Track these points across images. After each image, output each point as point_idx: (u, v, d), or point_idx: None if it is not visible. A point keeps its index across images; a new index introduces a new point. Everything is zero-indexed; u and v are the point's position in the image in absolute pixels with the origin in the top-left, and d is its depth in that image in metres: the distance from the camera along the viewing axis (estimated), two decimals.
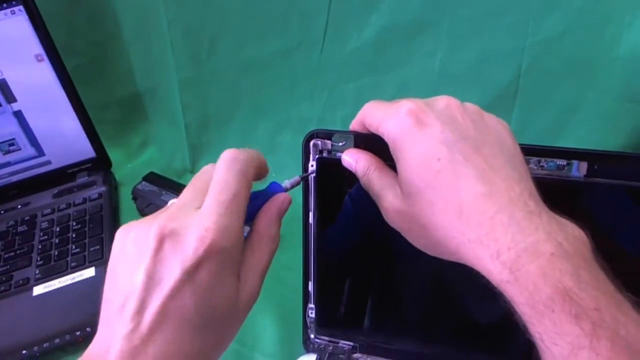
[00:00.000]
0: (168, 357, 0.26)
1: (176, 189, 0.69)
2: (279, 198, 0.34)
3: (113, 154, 0.73)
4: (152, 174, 0.72)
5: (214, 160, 0.75)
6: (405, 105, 0.30)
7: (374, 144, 0.38)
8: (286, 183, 0.37)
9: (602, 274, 0.25)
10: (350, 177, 0.42)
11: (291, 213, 0.61)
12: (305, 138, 0.42)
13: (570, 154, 0.37)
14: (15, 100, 0.66)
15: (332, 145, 0.42)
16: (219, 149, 0.72)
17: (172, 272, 0.27)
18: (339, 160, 0.41)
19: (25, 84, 0.66)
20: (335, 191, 0.43)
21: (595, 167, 0.36)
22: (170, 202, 0.32)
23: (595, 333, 0.22)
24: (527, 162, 0.37)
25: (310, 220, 0.44)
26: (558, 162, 0.37)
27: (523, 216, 0.25)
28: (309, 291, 0.47)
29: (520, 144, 0.35)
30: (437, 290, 0.45)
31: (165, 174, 0.72)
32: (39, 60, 0.65)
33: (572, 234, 0.26)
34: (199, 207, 0.29)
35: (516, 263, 0.25)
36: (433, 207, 0.28)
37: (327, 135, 0.41)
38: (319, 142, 0.42)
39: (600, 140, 0.49)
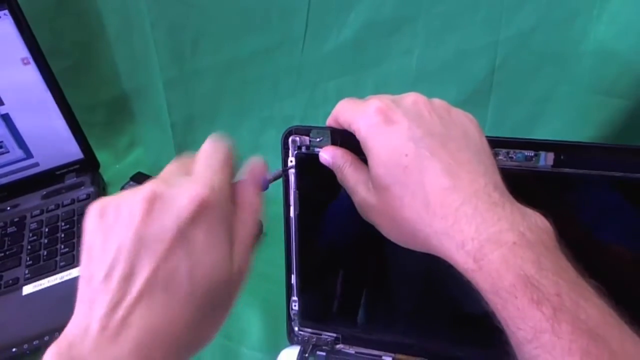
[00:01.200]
0: (155, 329, 0.24)
1: None
2: (251, 165, 0.33)
3: (100, 155, 0.74)
4: (139, 174, 0.73)
5: None
6: (374, 104, 0.31)
7: (350, 140, 0.39)
8: (269, 175, 0.37)
9: (564, 261, 0.26)
10: (328, 173, 0.43)
11: (274, 211, 0.63)
12: (284, 134, 0.43)
13: (537, 145, 0.38)
14: (2, 104, 0.67)
15: (310, 141, 0.43)
16: None
17: (165, 230, 0.25)
18: (317, 156, 0.43)
19: (11, 87, 0.66)
20: (314, 186, 0.44)
21: (562, 157, 0.38)
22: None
23: (556, 317, 0.23)
24: (497, 154, 0.39)
25: (291, 214, 0.45)
26: (526, 154, 0.38)
27: (487, 208, 0.27)
28: (291, 284, 0.48)
29: (488, 137, 0.36)
30: (418, 281, 0.46)
31: (152, 174, 0.73)
32: (25, 64, 0.65)
33: (535, 223, 0.27)
34: (187, 175, 0.28)
35: (480, 252, 0.26)
36: (402, 201, 0.30)
37: (305, 131, 0.42)
38: (298, 138, 0.43)
39: (573, 132, 0.51)
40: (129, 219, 0.25)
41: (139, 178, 0.72)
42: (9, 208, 0.70)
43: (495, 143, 0.38)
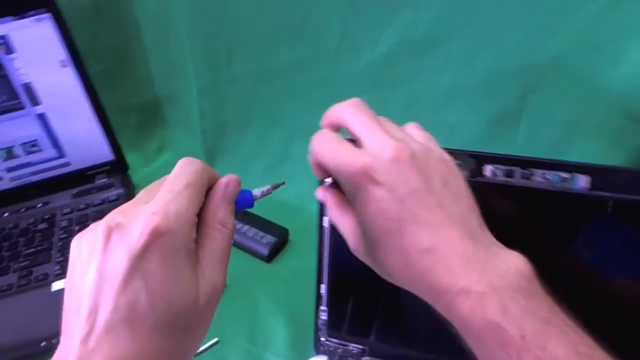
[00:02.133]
0: (124, 359, 0.25)
1: None
2: (222, 182, 0.32)
3: (130, 158, 0.76)
4: None
5: (228, 164, 0.78)
6: (360, 160, 0.30)
7: None
8: (257, 191, 0.35)
9: (533, 302, 0.27)
10: None
11: (306, 221, 0.64)
12: None
13: (573, 168, 0.39)
14: (39, 103, 0.69)
15: None
16: (234, 154, 0.76)
17: (119, 264, 0.26)
18: None
19: (49, 88, 0.68)
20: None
21: (597, 180, 0.38)
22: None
23: (521, 356, 0.26)
24: (532, 174, 0.40)
25: (325, 224, 0.46)
26: (562, 175, 0.39)
27: (460, 263, 0.28)
28: (321, 294, 0.49)
29: (525, 157, 0.37)
30: None
31: None
32: (63, 66, 0.67)
33: (506, 269, 0.28)
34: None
35: (452, 304, 0.28)
36: (387, 257, 0.31)
37: None
38: None
39: (604, 157, 0.51)
40: (90, 254, 0.27)
41: None
42: (39, 205, 0.72)
43: (531, 163, 0.40)
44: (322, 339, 0.50)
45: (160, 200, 0.28)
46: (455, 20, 0.53)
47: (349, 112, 0.34)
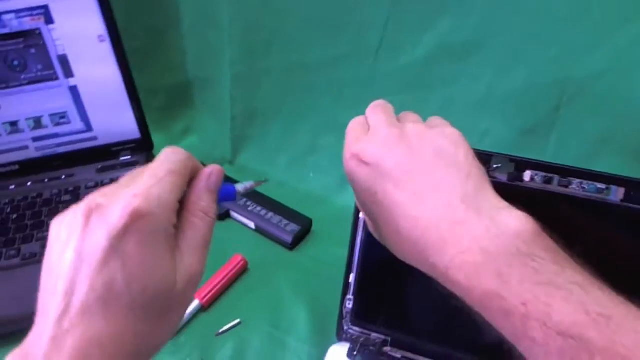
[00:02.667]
0: (98, 340, 0.25)
1: None
2: (206, 171, 0.33)
3: (155, 138, 0.76)
4: None
5: (254, 153, 0.79)
6: (349, 150, 0.34)
7: None
8: (239, 186, 0.36)
9: (533, 265, 0.26)
10: None
11: (329, 213, 0.65)
12: None
13: (609, 179, 0.41)
14: (72, 76, 0.69)
15: None
16: (261, 142, 0.77)
17: (98, 244, 0.26)
18: None
19: (84, 61, 0.69)
20: None
21: (632, 193, 0.40)
22: None
23: (526, 325, 0.25)
24: (570, 183, 0.41)
25: (361, 216, 0.48)
26: (598, 186, 0.41)
27: (449, 228, 0.28)
28: (349, 283, 0.50)
29: (564, 165, 0.39)
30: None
31: (205, 162, 0.75)
32: (101, 41, 0.68)
33: (501, 233, 0.27)
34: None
35: (447, 274, 0.28)
36: (387, 234, 0.33)
37: None
38: None
39: (628, 173, 0.53)
40: (69, 235, 0.27)
41: None
42: (63, 177, 0.72)
43: (570, 172, 0.41)
44: (346, 327, 0.51)
45: (142, 184, 0.28)
46: (495, 29, 0.55)
47: (369, 109, 0.38)
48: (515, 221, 0.28)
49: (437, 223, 0.29)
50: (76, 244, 0.26)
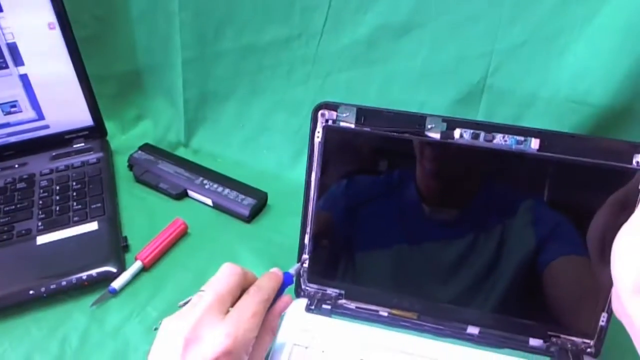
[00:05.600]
0: None
1: (172, 159, 0.74)
2: (284, 301, 0.44)
3: (108, 125, 0.77)
4: (147, 145, 0.77)
5: (208, 134, 0.82)
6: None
7: (375, 117, 0.47)
8: (292, 270, 0.47)
9: None
10: (350, 147, 0.50)
11: (284, 188, 0.69)
12: (315, 108, 0.50)
13: (526, 132, 0.46)
14: (22, 64, 0.69)
15: (337, 115, 0.50)
16: (214, 124, 0.80)
17: None
18: (342, 129, 0.50)
19: (34, 49, 0.69)
20: (336, 156, 0.51)
21: (546, 143, 0.46)
22: (196, 295, 0.40)
23: None
24: (493, 138, 0.47)
25: (312, 179, 0.52)
26: (517, 138, 0.47)
27: None
28: (304, 243, 0.54)
29: (488, 122, 0.45)
30: (416, 245, 0.52)
31: (160, 146, 0.78)
32: (50, 28, 0.69)
33: None
34: (224, 313, 0.38)
35: None
36: None
37: (334, 106, 0.49)
38: (326, 112, 0.50)
39: None
40: (171, 353, 0.36)
41: (148, 149, 0.76)
42: (17, 166, 0.72)
43: (494, 128, 0.47)
44: (303, 285, 0.55)
45: (232, 322, 0.38)
46: (430, 9, 0.60)
47: None
48: None
49: None
50: None
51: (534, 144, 0.46)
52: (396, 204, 0.52)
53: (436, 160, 0.49)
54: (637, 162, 0.44)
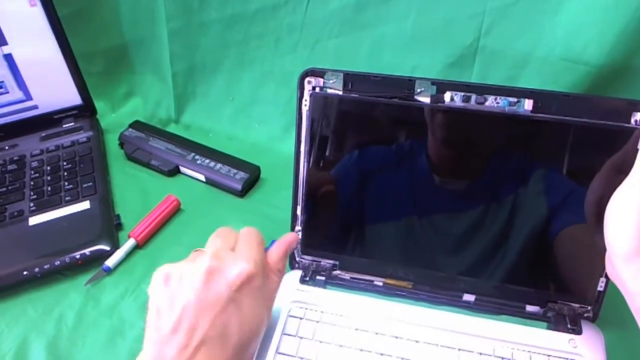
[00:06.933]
0: None
1: (163, 135, 0.73)
2: (290, 237, 0.44)
3: (97, 104, 0.76)
4: (137, 122, 0.76)
5: (199, 109, 0.81)
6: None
7: (362, 83, 0.46)
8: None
9: None
10: (338, 113, 0.49)
11: (276, 160, 0.68)
12: (301, 75, 0.48)
13: (519, 93, 0.45)
14: (5, 44, 0.68)
15: (324, 82, 0.48)
16: (204, 98, 0.78)
17: (220, 296, 0.35)
18: (329, 96, 0.48)
19: (16, 27, 0.68)
20: (324, 124, 0.50)
21: (539, 104, 0.45)
22: (194, 251, 0.40)
23: None
24: (485, 100, 0.45)
25: (302, 149, 0.51)
26: (510, 99, 0.45)
27: None
28: (297, 215, 0.53)
29: (479, 83, 0.43)
30: (409, 215, 0.52)
31: (150, 123, 0.76)
32: (31, 5, 0.67)
33: None
34: (232, 249, 0.39)
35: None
36: None
37: (320, 73, 0.48)
38: (313, 79, 0.48)
39: None
40: (191, 286, 0.35)
41: (138, 126, 0.75)
42: (7, 147, 0.72)
43: (485, 90, 0.45)
44: (297, 257, 0.55)
45: (245, 251, 0.39)
46: None
47: None
48: None
49: None
50: (198, 293, 0.35)
51: (527, 105, 0.45)
52: (401, 174, 0.50)
53: (439, 126, 0.47)
54: (636, 121, 0.43)
